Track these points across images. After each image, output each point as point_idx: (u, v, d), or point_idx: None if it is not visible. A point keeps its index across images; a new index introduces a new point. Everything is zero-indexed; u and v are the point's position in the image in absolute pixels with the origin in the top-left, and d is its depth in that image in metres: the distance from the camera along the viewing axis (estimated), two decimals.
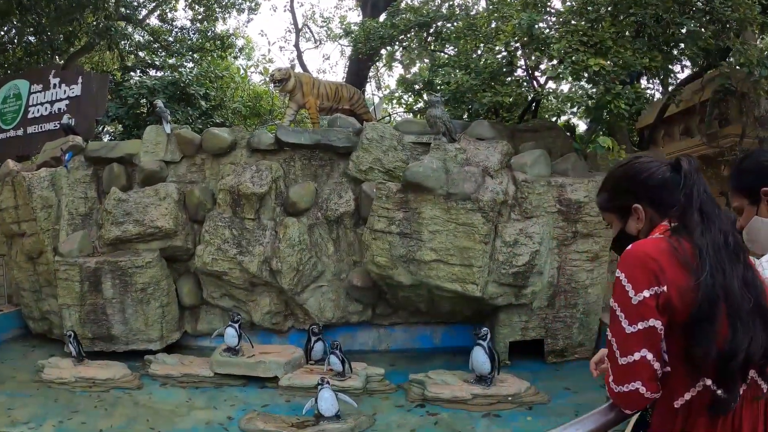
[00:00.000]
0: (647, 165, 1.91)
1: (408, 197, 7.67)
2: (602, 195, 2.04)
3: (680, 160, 1.88)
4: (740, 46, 8.28)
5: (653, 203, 1.87)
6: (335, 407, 6.13)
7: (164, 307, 8.66)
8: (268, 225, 8.71)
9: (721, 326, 1.64)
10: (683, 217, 1.77)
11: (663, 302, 1.66)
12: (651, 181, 1.88)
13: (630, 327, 1.68)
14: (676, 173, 1.85)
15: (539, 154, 8.11)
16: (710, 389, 1.69)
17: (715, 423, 1.72)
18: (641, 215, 1.89)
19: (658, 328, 1.67)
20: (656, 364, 1.69)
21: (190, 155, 9.43)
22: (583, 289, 8.17)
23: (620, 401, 1.77)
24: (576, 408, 6.53)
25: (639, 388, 1.69)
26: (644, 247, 1.74)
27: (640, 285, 1.67)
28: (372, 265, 7.97)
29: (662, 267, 1.67)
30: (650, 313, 1.66)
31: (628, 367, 1.69)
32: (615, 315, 1.73)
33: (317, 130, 9.21)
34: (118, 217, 8.64)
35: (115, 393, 7.19)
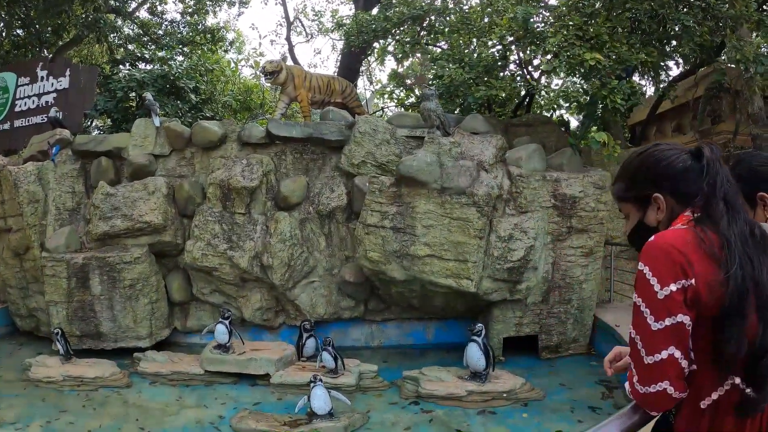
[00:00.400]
0: (667, 153, 1.81)
1: (401, 191, 7.56)
2: (619, 185, 1.93)
3: (702, 147, 1.79)
4: (736, 42, 8.22)
5: (674, 193, 1.77)
6: (328, 405, 6.04)
7: (153, 304, 8.52)
8: (259, 220, 8.58)
9: (751, 321, 1.55)
10: (707, 207, 1.69)
11: (691, 296, 1.57)
12: (671, 170, 1.78)
13: (656, 323, 1.58)
14: (697, 161, 1.76)
15: (534, 149, 8.03)
16: (739, 388, 1.61)
17: (743, 423, 1.63)
18: (662, 205, 1.79)
19: (687, 324, 1.58)
20: (684, 362, 1.60)
21: (180, 149, 9.27)
22: (577, 284, 8.12)
23: (646, 403, 1.67)
24: (571, 404, 6.50)
25: (666, 388, 1.59)
26: (669, 238, 1.64)
27: (667, 278, 1.57)
28: (365, 261, 7.86)
29: (689, 259, 1.57)
30: (678, 308, 1.57)
31: (654, 367, 1.60)
32: (639, 311, 1.63)
33: (309, 124, 9.08)
34: (106, 212, 8.48)
35: (104, 392, 7.06)
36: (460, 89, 9.09)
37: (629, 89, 8.02)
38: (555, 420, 6.12)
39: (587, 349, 8.40)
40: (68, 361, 7.61)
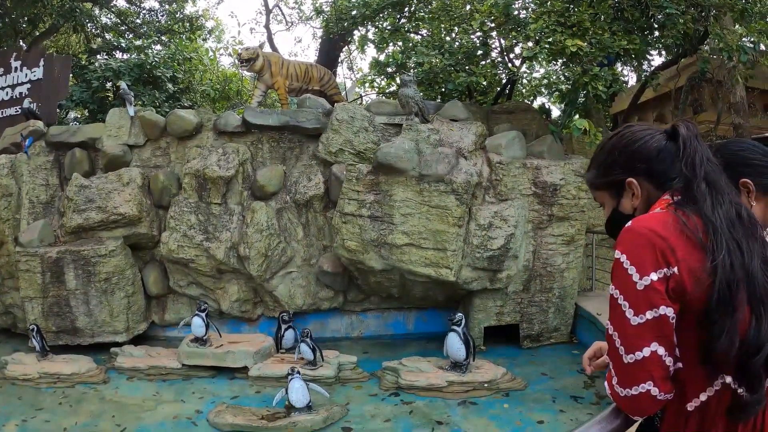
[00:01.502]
0: (640, 134, 1.67)
1: (379, 179, 7.43)
2: (592, 171, 1.79)
3: (677, 125, 1.64)
4: (720, 31, 8.17)
5: (650, 176, 1.63)
6: (306, 398, 5.93)
7: (129, 297, 8.34)
8: (236, 210, 8.43)
9: (742, 314, 1.40)
10: (687, 189, 1.54)
11: (674, 286, 1.41)
12: (645, 151, 1.64)
13: (636, 317, 1.42)
14: (673, 141, 1.62)
15: (514, 136, 7.93)
16: (731, 388, 1.45)
17: (735, 427, 1.48)
18: (636, 191, 1.65)
19: (670, 317, 1.42)
20: (668, 360, 1.44)
21: (155, 138, 9.06)
22: (558, 273, 8.07)
23: (627, 406, 1.50)
24: (553, 394, 6.45)
25: (650, 389, 1.43)
26: (648, 222, 1.49)
27: (646, 267, 1.42)
28: (342, 250, 7.74)
29: (671, 245, 1.42)
30: (660, 299, 1.41)
31: (635, 366, 1.44)
32: (616, 304, 1.47)
33: (286, 111, 8.91)
34: (80, 205, 8.26)
35: (81, 388, 6.90)
36: (441, 76, 8.96)
37: (611, 76, 7.94)
38: (537, 410, 6.06)
39: (569, 337, 8.39)
40: (45, 357, 7.43)
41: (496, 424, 5.80)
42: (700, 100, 14.09)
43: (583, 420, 5.73)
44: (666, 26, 8.07)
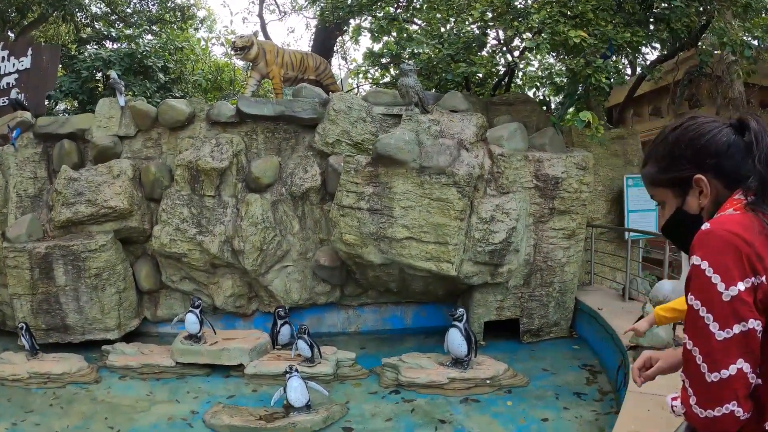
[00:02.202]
0: (707, 126, 1.53)
1: (378, 171, 7.24)
2: (651, 167, 1.64)
3: (746, 118, 1.50)
4: (724, 25, 8.04)
5: (719, 173, 1.49)
6: (305, 397, 5.76)
7: (121, 293, 8.12)
8: (230, 202, 8.22)
9: None
10: (764, 189, 1.40)
11: (762, 297, 1.28)
12: (714, 146, 1.49)
13: (722, 332, 1.30)
14: (740, 135, 1.48)
15: (516, 128, 7.76)
16: None
17: None
18: (706, 188, 1.51)
19: (758, 331, 1.29)
20: (752, 377, 1.31)
21: (146, 129, 8.80)
22: (559, 267, 7.96)
23: (708, 428, 1.36)
24: (556, 390, 6.33)
25: (734, 410, 1.30)
26: (730, 225, 1.35)
27: (733, 275, 1.29)
28: (340, 244, 7.55)
29: (758, 251, 1.29)
30: (748, 311, 1.28)
31: (720, 385, 1.31)
32: (697, 317, 1.34)
33: (281, 101, 8.68)
34: (69, 198, 8.01)
35: (72, 388, 6.68)
36: (439, 66, 8.77)
37: (613, 69, 7.80)
38: (540, 407, 5.94)
39: (568, 332, 8.29)
40: (34, 356, 7.19)
41: (499, 422, 5.67)
42: (697, 95, 14.01)
43: (587, 417, 5.63)
44: (670, 19, 7.92)
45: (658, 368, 1.87)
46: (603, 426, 5.46)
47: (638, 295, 8.33)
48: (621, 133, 10.17)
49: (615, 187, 9.87)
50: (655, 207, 6.60)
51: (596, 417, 5.66)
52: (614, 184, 9.87)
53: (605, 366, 6.89)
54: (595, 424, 5.52)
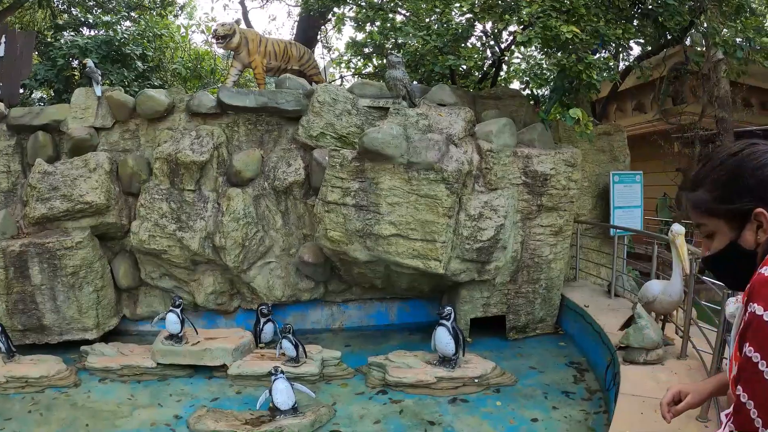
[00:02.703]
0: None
1: (365, 166, 7.06)
2: (704, 193, 1.51)
3: None
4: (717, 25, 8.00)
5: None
6: (291, 399, 5.61)
7: (99, 292, 7.86)
8: (210, 197, 7.99)
9: None
10: None
11: None
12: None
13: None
14: None
15: (505, 123, 7.63)
16: None
17: None
18: (767, 224, 1.39)
19: None
20: None
21: (123, 120, 8.49)
22: (546, 264, 7.90)
23: None
24: (544, 389, 6.28)
25: None
26: None
27: None
28: (325, 240, 7.38)
29: None
30: None
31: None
32: (756, 370, 1.24)
33: (264, 92, 8.43)
34: (44, 193, 7.69)
35: (51, 393, 6.44)
36: (426, 58, 8.60)
37: (605, 65, 7.72)
38: (529, 407, 5.87)
39: (554, 329, 8.25)
40: (11, 359, 6.90)
41: (489, 423, 5.57)
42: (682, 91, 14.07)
43: (576, 417, 5.57)
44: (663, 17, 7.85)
45: (687, 404, 1.77)
46: (593, 426, 5.41)
47: (624, 292, 8.31)
48: (607, 130, 10.13)
49: (600, 184, 9.84)
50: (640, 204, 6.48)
51: (585, 417, 5.61)
52: (600, 180, 9.84)
53: (592, 364, 6.86)
54: (584, 424, 5.46)
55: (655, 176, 13.44)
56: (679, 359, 5.52)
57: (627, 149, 10.17)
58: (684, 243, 5.66)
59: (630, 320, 6.08)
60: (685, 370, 5.25)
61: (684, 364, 5.41)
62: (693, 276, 5.54)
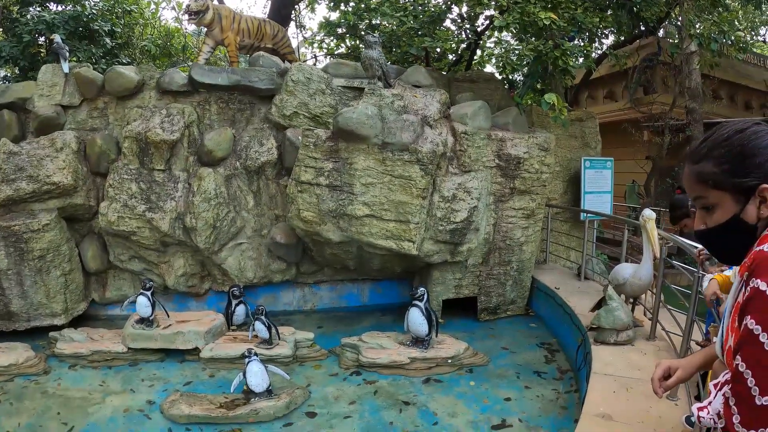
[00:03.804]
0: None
1: (339, 146, 7.00)
2: (711, 165, 1.52)
3: None
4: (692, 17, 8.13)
5: None
6: (266, 381, 5.57)
7: (67, 275, 7.68)
8: (181, 177, 7.84)
9: None
10: None
11: None
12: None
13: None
14: None
15: (480, 106, 7.64)
16: None
17: None
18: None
19: None
20: None
21: (92, 98, 8.25)
22: (517, 246, 7.96)
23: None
24: (516, 369, 6.35)
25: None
26: None
27: None
28: (297, 221, 7.32)
29: None
30: None
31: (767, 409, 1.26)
32: (756, 341, 1.27)
33: (236, 70, 8.27)
34: (9, 174, 7.43)
35: (20, 381, 6.26)
36: (403, 39, 8.53)
37: (582, 52, 7.77)
38: (502, 386, 5.93)
39: (525, 310, 8.35)
40: None
41: (463, 402, 5.62)
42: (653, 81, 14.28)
43: (549, 396, 5.65)
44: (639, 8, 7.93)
45: (678, 378, 1.83)
46: (565, 404, 5.49)
47: (593, 275, 8.45)
48: (579, 116, 10.23)
49: (572, 169, 9.95)
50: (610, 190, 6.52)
51: (557, 395, 5.70)
52: (571, 165, 9.95)
53: (563, 345, 6.96)
54: (556, 403, 5.54)
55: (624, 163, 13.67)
56: (648, 340, 5.63)
57: (599, 135, 10.30)
58: (654, 227, 5.77)
59: (601, 302, 6.19)
60: (654, 350, 5.36)
61: (653, 345, 5.52)
62: (662, 260, 5.63)
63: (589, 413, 4.15)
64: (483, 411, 5.42)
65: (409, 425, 5.19)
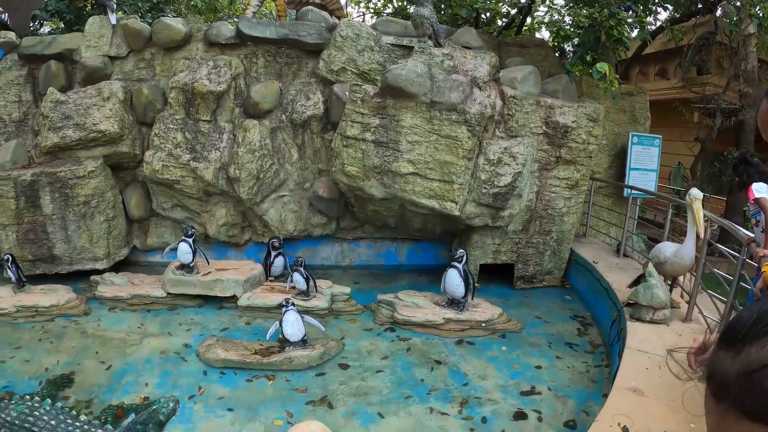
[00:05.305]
0: None
1: (386, 103, 6.94)
2: None
3: None
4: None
5: None
6: (301, 331, 5.63)
7: (110, 221, 7.83)
8: (226, 128, 7.88)
9: None
10: None
11: None
12: None
13: None
14: None
15: (530, 71, 7.47)
16: None
17: None
18: None
19: None
20: None
21: (139, 49, 8.30)
22: (559, 216, 7.85)
23: None
24: (548, 339, 6.32)
25: None
26: None
27: None
28: (341, 175, 7.31)
29: None
30: None
31: None
32: None
33: (284, 24, 8.24)
34: (56, 122, 7.57)
35: (61, 322, 6.46)
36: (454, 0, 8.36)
37: (638, 23, 7.51)
38: (534, 355, 5.90)
39: (560, 282, 8.25)
40: (21, 289, 6.91)
41: (494, 366, 5.62)
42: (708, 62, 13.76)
43: (579, 368, 5.59)
44: None
45: None
46: (594, 378, 5.44)
47: (632, 253, 8.28)
48: (630, 90, 9.93)
49: (618, 143, 9.71)
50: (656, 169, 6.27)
51: (587, 368, 5.64)
52: (618, 139, 9.71)
53: (597, 319, 6.87)
54: (586, 375, 5.49)
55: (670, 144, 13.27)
56: (684, 322, 5.51)
57: (648, 111, 10.00)
58: (701, 208, 5.58)
59: (639, 279, 6.06)
60: (690, 332, 5.24)
61: (689, 327, 5.40)
62: (706, 241, 5.47)
63: (621, 386, 4.14)
64: (513, 376, 5.42)
65: (439, 383, 5.22)
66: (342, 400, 4.88)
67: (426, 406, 4.80)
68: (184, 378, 5.22)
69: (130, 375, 5.25)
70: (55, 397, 4.69)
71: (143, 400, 4.76)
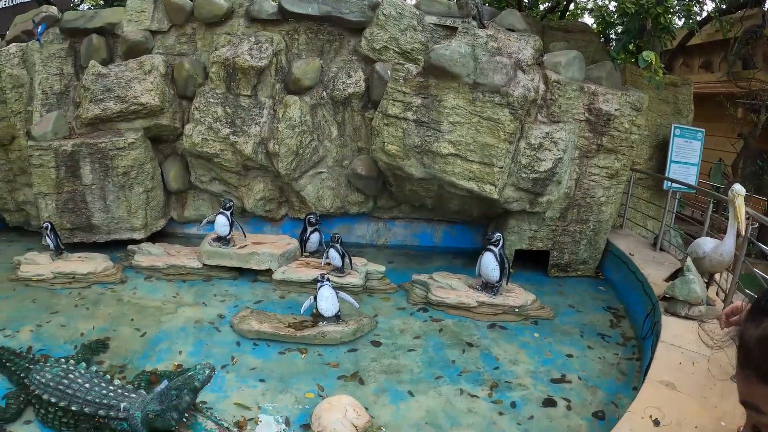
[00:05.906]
0: None
1: (429, 82, 6.89)
2: None
3: None
4: None
5: None
6: (335, 307, 5.66)
7: (149, 192, 7.96)
8: (266, 103, 7.91)
9: None
10: None
11: None
12: None
13: None
14: None
15: (575, 56, 7.33)
16: None
17: None
18: None
19: None
20: None
21: (180, 24, 8.39)
22: (597, 205, 7.72)
23: None
24: (581, 328, 6.24)
25: None
26: None
27: None
28: (381, 153, 7.30)
29: None
30: None
31: None
32: None
33: (327, 1, 8.22)
34: (97, 94, 7.71)
35: (97, 289, 6.60)
36: None
37: (685, 11, 7.31)
38: (566, 343, 5.84)
39: (595, 272, 8.13)
40: (59, 256, 7.09)
41: (526, 352, 5.58)
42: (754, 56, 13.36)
43: (610, 360, 5.51)
44: None
45: None
46: (625, 370, 5.36)
47: (669, 247, 8.11)
48: (674, 81, 9.70)
49: (660, 134, 9.51)
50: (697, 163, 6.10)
51: (618, 360, 5.56)
52: (660, 131, 9.50)
53: (630, 312, 6.76)
54: (617, 367, 5.41)
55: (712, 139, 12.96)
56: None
57: (692, 104, 9.76)
58: (743, 204, 5.42)
59: (677, 273, 5.92)
60: (725, 331, 5.11)
61: None
62: (746, 239, 5.32)
63: (653, 379, 4.09)
64: (544, 363, 5.37)
65: (470, 365, 5.21)
66: (373, 377, 4.90)
67: (456, 387, 4.80)
68: (218, 348, 5.30)
69: (165, 343, 5.35)
70: (89, 362, 4.80)
71: (177, 368, 4.85)
